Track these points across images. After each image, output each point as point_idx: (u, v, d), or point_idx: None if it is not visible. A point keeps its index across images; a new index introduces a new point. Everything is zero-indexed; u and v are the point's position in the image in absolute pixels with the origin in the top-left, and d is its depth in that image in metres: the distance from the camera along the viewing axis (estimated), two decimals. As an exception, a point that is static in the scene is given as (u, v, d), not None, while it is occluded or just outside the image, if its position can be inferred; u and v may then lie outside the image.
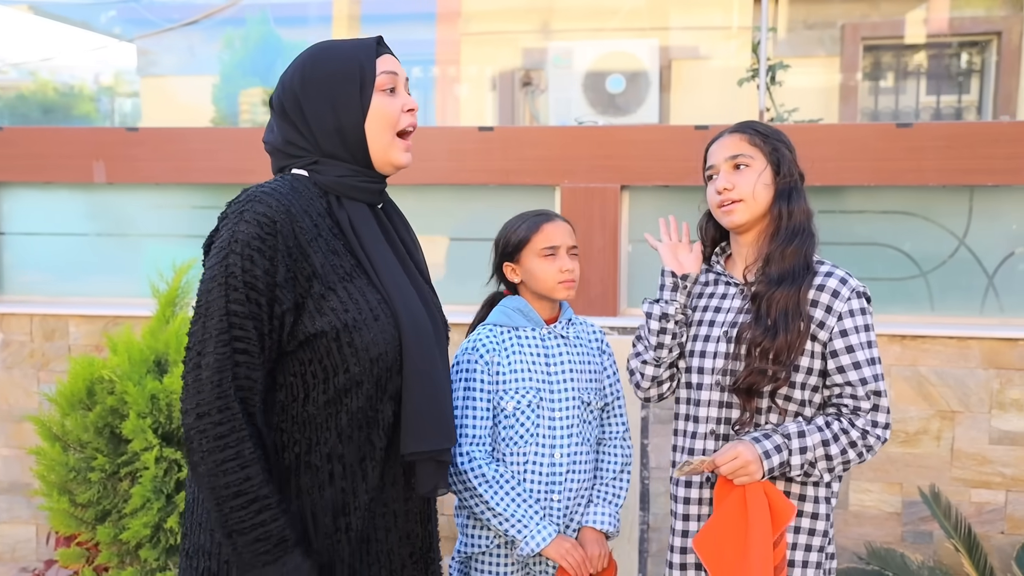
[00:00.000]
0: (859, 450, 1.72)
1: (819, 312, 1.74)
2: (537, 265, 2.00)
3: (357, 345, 1.41)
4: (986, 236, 3.14)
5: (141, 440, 2.57)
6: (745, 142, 1.82)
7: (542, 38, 5.59)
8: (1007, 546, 3.06)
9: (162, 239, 3.63)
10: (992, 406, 3.04)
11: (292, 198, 1.43)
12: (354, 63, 1.49)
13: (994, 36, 5.83)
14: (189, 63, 5.15)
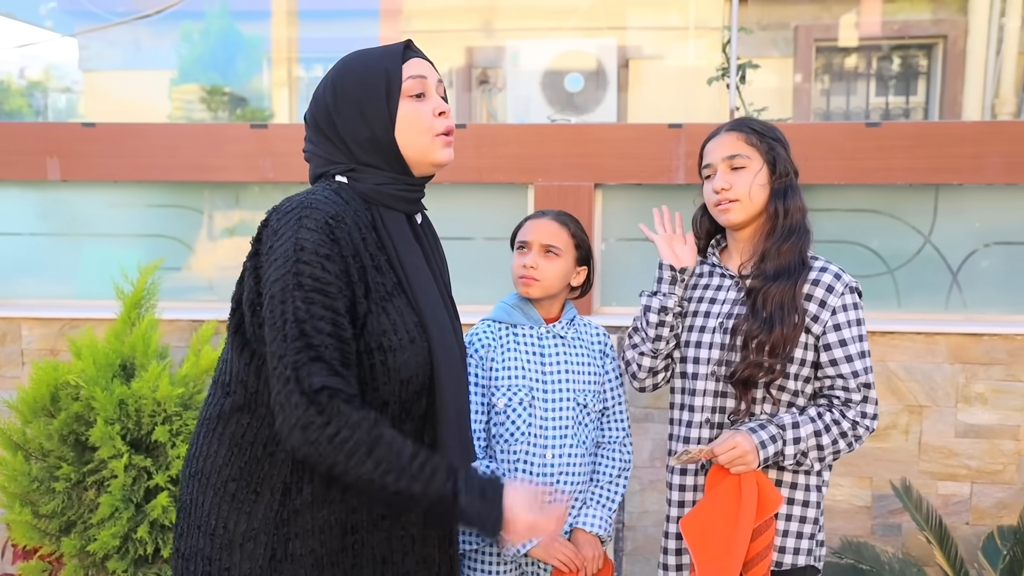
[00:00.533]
0: (849, 440, 1.77)
1: (813, 306, 1.78)
2: (513, 259, 2.03)
3: (391, 366, 1.37)
4: (950, 234, 3.21)
5: (109, 447, 2.48)
6: (742, 141, 1.83)
7: (497, 36, 5.56)
8: (972, 537, 3.13)
9: (120, 239, 3.51)
10: (958, 400, 3.11)
11: (345, 208, 1.39)
12: (379, 71, 1.45)
13: (940, 39, 5.99)
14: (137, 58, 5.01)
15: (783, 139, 1.86)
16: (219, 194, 3.49)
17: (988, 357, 3.08)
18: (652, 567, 3.24)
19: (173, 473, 2.52)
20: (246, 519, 1.38)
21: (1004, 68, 5.05)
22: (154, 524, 2.51)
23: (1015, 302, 3.18)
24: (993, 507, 3.12)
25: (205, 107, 4.52)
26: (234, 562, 1.38)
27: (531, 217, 2.08)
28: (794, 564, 1.81)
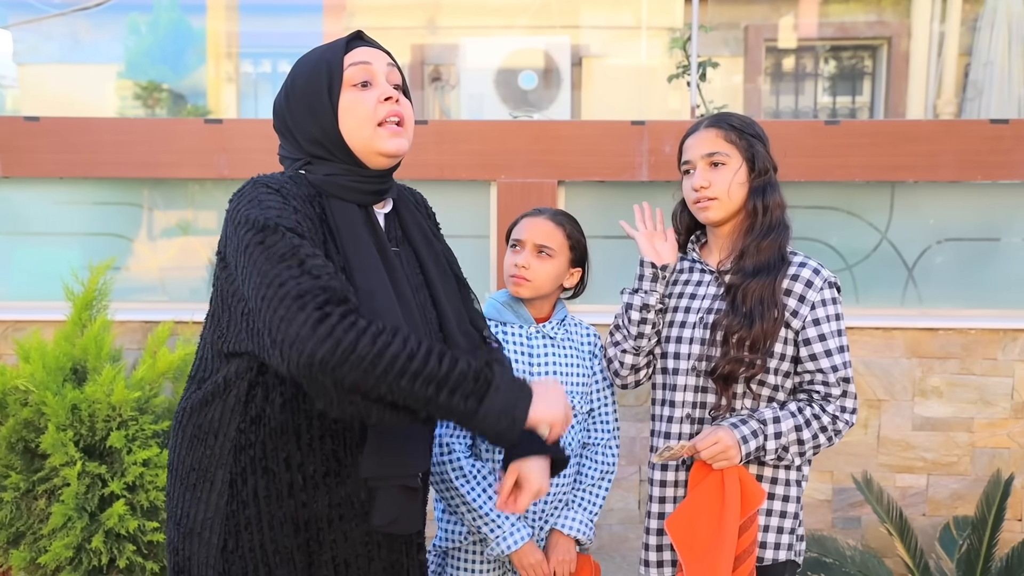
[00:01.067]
0: (829, 434, 1.78)
1: (793, 301, 1.79)
2: (506, 256, 2.00)
3: None
4: (906, 231, 3.27)
5: (61, 455, 2.38)
6: (721, 139, 1.82)
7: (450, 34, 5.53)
8: (929, 527, 3.19)
9: (66, 237, 3.38)
10: (915, 394, 3.16)
11: (295, 190, 1.39)
12: (321, 65, 1.45)
13: (884, 41, 6.12)
14: (73, 51, 4.84)
15: (762, 135, 1.86)
16: (171, 191, 3.39)
17: (943, 351, 3.14)
18: (617, 565, 3.23)
19: (129, 480, 2.43)
20: (203, 508, 1.38)
21: (945, 70, 5.18)
22: (109, 533, 2.42)
23: (968, 297, 3.25)
24: (948, 498, 3.18)
25: (141, 103, 4.39)
26: (193, 551, 1.38)
27: (528, 214, 2.04)
28: (775, 559, 1.82)
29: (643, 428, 3.19)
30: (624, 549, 3.24)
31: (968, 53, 4.97)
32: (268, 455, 1.37)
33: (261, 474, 1.36)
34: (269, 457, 1.37)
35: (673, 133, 3.16)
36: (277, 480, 1.37)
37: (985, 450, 3.16)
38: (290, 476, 1.37)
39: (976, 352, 3.13)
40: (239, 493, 1.36)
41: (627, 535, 3.23)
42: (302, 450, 1.37)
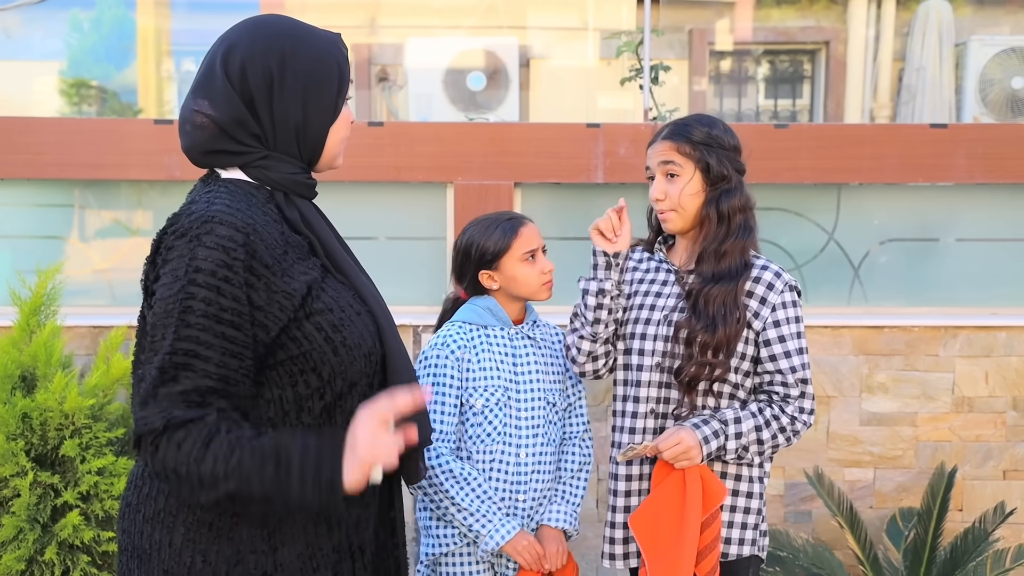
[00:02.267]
0: (787, 435, 1.84)
1: (754, 303, 1.84)
2: (520, 270, 2.00)
3: (351, 343, 1.33)
4: (852, 231, 3.36)
5: (12, 465, 2.31)
6: (674, 150, 1.86)
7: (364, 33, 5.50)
8: (876, 520, 3.29)
9: (9, 240, 3.28)
10: (862, 390, 3.26)
11: (252, 212, 1.29)
12: (333, 61, 1.37)
13: (823, 45, 6.28)
14: (5, 47, 4.70)
15: (724, 141, 1.87)
16: (118, 193, 3.31)
17: (889, 348, 3.24)
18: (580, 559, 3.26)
19: (83, 489, 2.37)
20: (228, 544, 1.30)
21: (880, 74, 5.34)
22: (63, 545, 2.36)
23: (911, 295, 3.36)
24: (894, 491, 3.29)
25: (67, 100, 4.27)
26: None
27: (521, 225, 2.04)
28: (739, 555, 1.86)
29: (599, 428, 3.23)
30: (583, 548, 3.26)
31: (902, 58, 5.13)
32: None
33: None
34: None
35: (628, 136, 3.21)
36: None
37: (928, 443, 3.27)
38: None
39: (919, 349, 3.24)
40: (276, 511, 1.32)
41: (585, 533, 3.26)
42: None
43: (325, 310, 1.32)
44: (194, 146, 1.35)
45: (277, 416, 1.32)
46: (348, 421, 1.34)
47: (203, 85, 1.34)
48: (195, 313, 1.20)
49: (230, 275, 1.22)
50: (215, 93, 1.32)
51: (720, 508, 1.82)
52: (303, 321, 1.30)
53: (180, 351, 1.20)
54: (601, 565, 2.01)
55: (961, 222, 3.37)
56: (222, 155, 1.34)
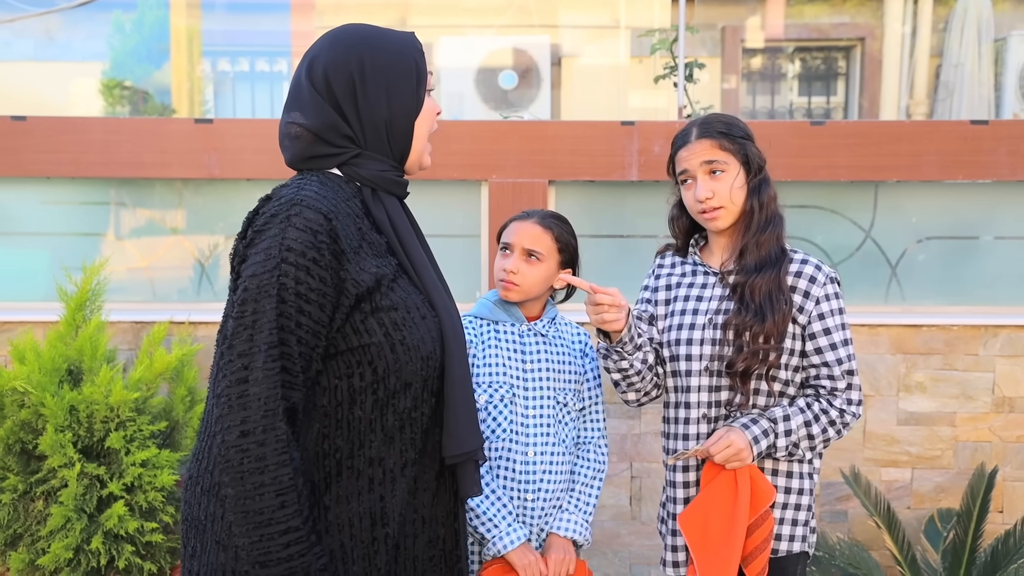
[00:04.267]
0: (837, 428, 1.83)
1: (798, 297, 1.83)
2: (497, 260, 2.02)
3: (410, 344, 1.36)
4: (889, 229, 3.34)
5: (60, 456, 2.36)
6: (717, 148, 1.85)
7: (427, 33, 5.53)
8: (913, 520, 3.26)
9: (52, 238, 3.34)
10: (899, 389, 3.23)
11: (336, 201, 1.35)
12: (410, 57, 1.43)
13: (858, 42, 6.23)
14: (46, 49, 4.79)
15: (749, 133, 1.89)
16: (160, 191, 3.36)
17: (927, 347, 3.21)
18: (609, 561, 3.27)
19: (128, 481, 2.41)
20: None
21: (917, 71, 5.28)
22: (108, 534, 2.40)
23: (950, 294, 3.33)
24: (932, 491, 3.25)
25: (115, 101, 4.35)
26: None
27: (516, 218, 2.05)
28: (789, 551, 1.85)
29: (634, 425, 3.23)
30: (616, 545, 3.27)
31: (939, 54, 5.07)
32: (356, 454, 1.37)
33: (347, 475, 1.37)
34: (357, 456, 1.37)
35: (662, 133, 3.21)
36: (360, 478, 1.38)
37: (968, 444, 3.23)
38: (371, 471, 1.38)
39: (958, 348, 3.20)
40: (321, 499, 1.36)
41: (619, 531, 3.27)
42: (385, 444, 1.39)
43: (391, 308, 1.35)
44: (295, 156, 1.43)
45: (331, 405, 1.35)
46: (399, 420, 1.38)
47: (293, 99, 1.43)
48: (288, 291, 1.26)
49: (318, 256, 1.28)
50: (304, 104, 1.41)
51: (771, 509, 1.80)
52: (368, 315, 1.33)
53: (282, 327, 1.27)
54: (664, 572, 1.99)
55: (1001, 219, 3.33)
56: (320, 159, 1.42)
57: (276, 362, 1.26)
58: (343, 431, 1.36)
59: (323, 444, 1.36)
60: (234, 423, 1.25)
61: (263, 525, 1.24)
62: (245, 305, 1.28)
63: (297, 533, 1.25)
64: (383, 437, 1.38)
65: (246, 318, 1.28)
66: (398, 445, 1.39)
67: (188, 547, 1.40)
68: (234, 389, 1.26)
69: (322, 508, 1.36)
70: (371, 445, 1.37)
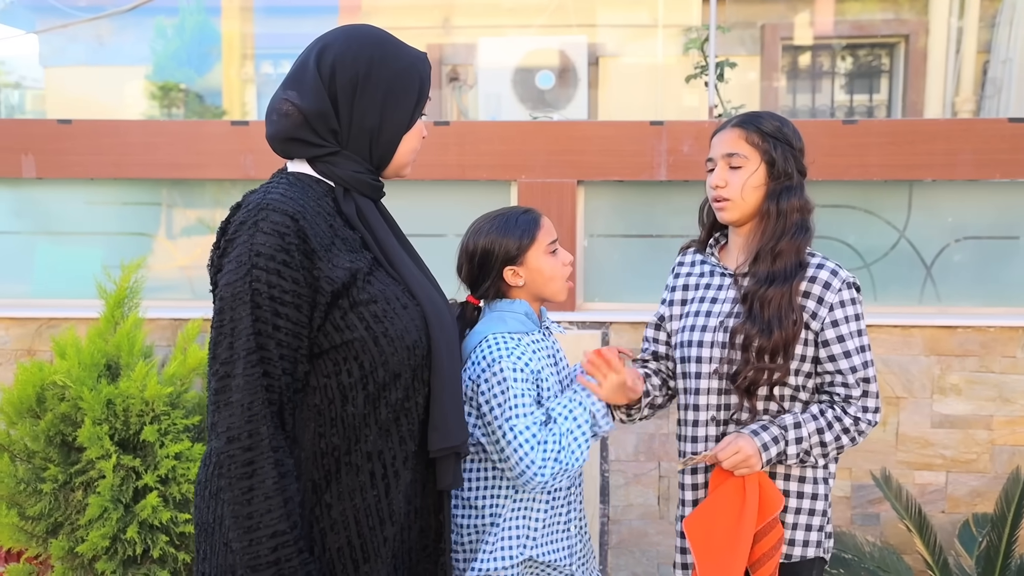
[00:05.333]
0: (852, 435, 1.79)
1: (811, 303, 1.79)
2: (545, 262, 1.89)
3: (392, 335, 1.38)
4: (924, 229, 3.29)
5: (97, 448, 2.44)
6: (743, 140, 1.82)
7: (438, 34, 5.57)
8: (948, 524, 3.21)
9: (97, 237, 3.46)
10: (933, 391, 3.18)
11: (304, 201, 1.38)
12: (415, 75, 1.46)
13: (901, 39, 6.12)
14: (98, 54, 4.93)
15: (791, 139, 1.84)
16: (199, 191, 3.46)
17: (962, 349, 3.16)
18: (637, 560, 3.27)
19: (162, 472, 2.49)
20: None
21: (963, 67, 5.17)
22: (143, 524, 2.48)
23: (987, 295, 3.27)
24: (967, 495, 3.20)
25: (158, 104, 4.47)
26: None
27: (538, 216, 1.94)
28: (803, 556, 1.83)
29: (662, 425, 3.23)
30: (644, 544, 3.28)
31: (987, 50, 4.97)
32: (353, 450, 1.40)
33: (345, 471, 1.40)
34: (354, 452, 1.40)
35: (691, 133, 3.20)
36: (360, 473, 1.40)
37: (1005, 447, 3.18)
38: (371, 466, 1.41)
39: (995, 350, 3.15)
40: (322, 497, 1.39)
41: (647, 530, 3.27)
42: (381, 438, 1.41)
43: (370, 301, 1.37)
44: (277, 133, 1.45)
45: (323, 404, 1.38)
46: (393, 413, 1.41)
47: (295, 77, 1.45)
48: (262, 295, 1.30)
49: (288, 258, 1.31)
50: (305, 85, 1.43)
51: (783, 515, 1.79)
52: (347, 311, 1.36)
53: (259, 332, 1.30)
54: (673, 573, 2.00)
55: (1041, 219, 3.27)
56: (299, 144, 1.44)
57: (256, 367, 1.29)
58: (338, 428, 1.39)
59: (320, 443, 1.39)
60: (221, 429, 1.29)
61: (252, 530, 1.28)
62: (223, 314, 1.32)
63: (283, 537, 1.29)
64: (378, 431, 1.40)
65: (224, 326, 1.32)
66: (395, 438, 1.42)
67: (200, 550, 1.44)
68: (220, 397, 1.30)
69: (324, 506, 1.39)
70: (367, 440, 1.40)
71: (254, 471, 1.28)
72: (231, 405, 1.29)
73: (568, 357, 2.09)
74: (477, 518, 1.89)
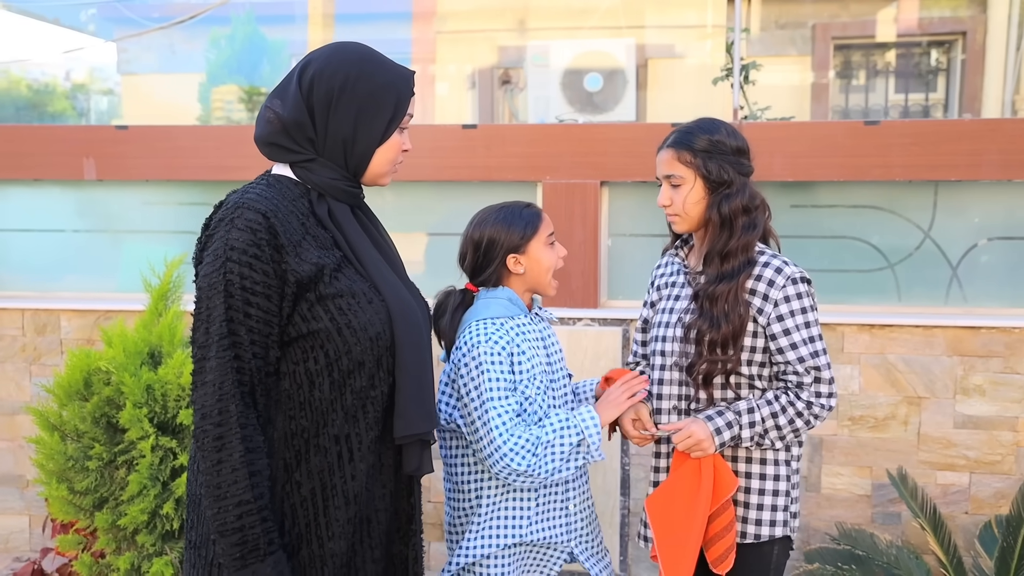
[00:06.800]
0: (806, 419, 1.90)
1: (757, 300, 1.91)
2: (545, 253, 2.02)
3: (356, 327, 1.50)
4: (950, 229, 3.28)
5: (137, 429, 2.64)
6: (676, 160, 1.94)
7: (519, 36, 5.68)
8: (971, 525, 3.20)
9: (151, 235, 3.70)
10: (956, 392, 3.18)
11: (278, 201, 1.50)
12: (393, 93, 1.56)
13: (959, 36, 5.99)
14: (171, 61, 5.20)
15: (725, 147, 1.92)
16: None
17: (986, 350, 3.14)
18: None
19: (197, 454, 2.68)
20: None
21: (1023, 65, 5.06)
22: (179, 501, 2.67)
23: (1014, 296, 3.24)
24: (992, 497, 3.19)
25: (244, 107, 4.70)
26: None
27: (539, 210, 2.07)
28: (771, 535, 1.93)
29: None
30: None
31: (1047, 47, 4.86)
32: (321, 432, 1.52)
33: (314, 452, 1.52)
34: (322, 435, 1.52)
35: (712, 135, 3.26)
36: (328, 455, 1.52)
37: (1029, 449, 3.16)
38: (338, 448, 1.53)
39: (1020, 351, 3.12)
40: (293, 475, 1.52)
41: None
42: (347, 422, 1.53)
43: (336, 295, 1.50)
44: (261, 137, 1.60)
45: (293, 388, 1.52)
46: (358, 399, 1.53)
47: (282, 88, 1.59)
48: (235, 286, 1.43)
49: (259, 252, 1.44)
50: (287, 96, 1.56)
51: (740, 493, 1.90)
52: (314, 303, 1.49)
53: (231, 319, 1.43)
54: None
55: (1072, 220, 3.22)
56: (280, 149, 1.57)
57: (228, 351, 1.43)
58: (307, 412, 1.52)
59: (290, 425, 1.52)
60: (197, 407, 1.44)
61: (220, 499, 1.42)
62: (200, 303, 1.47)
63: (248, 506, 1.42)
64: (344, 416, 1.53)
65: (202, 314, 1.47)
66: (362, 424, 1.54)
67: (188, 519, 1.59)
68: (197, 378, 1.46)
69: (294, 484, 1.52)
70: (333, 423, 1.52)
71: (223, 445, 1.41)
72: (205, 385, 1.44)
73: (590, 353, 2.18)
74: (464, 501, 2.01)
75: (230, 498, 1.42)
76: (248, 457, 1.43)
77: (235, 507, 1.42)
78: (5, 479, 3.66)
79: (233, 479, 1.42)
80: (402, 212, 3.56)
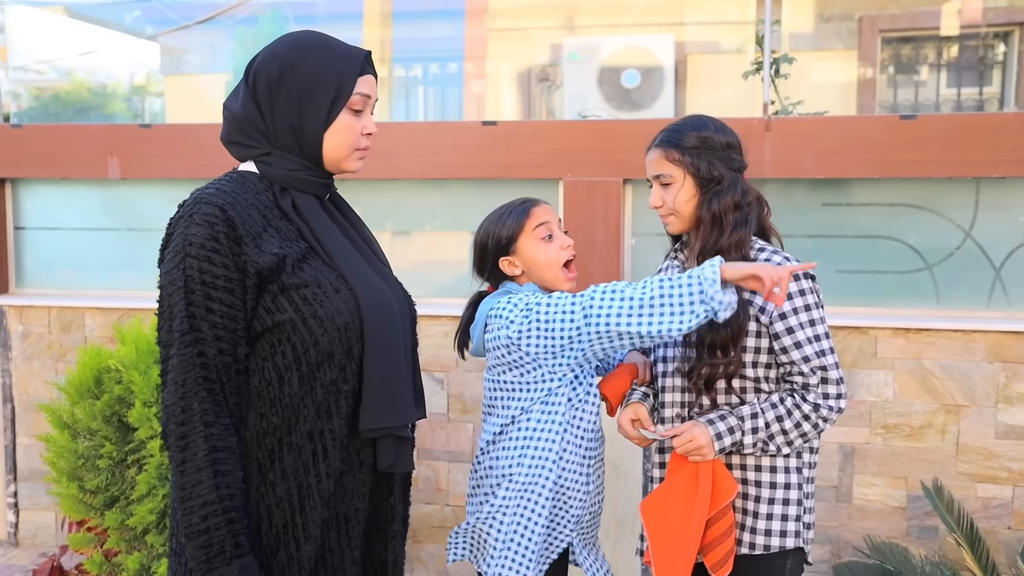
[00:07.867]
0: (813, 422, 1.80)
1: (759, 298, 1.82)
2: (537, 249, 1.92)
3: (322, 317, 1.45)
4: (993, 228, 3.12)
5: (147, 428, 2.63)
6: (665, 159, 1.87)
7: (560, 34, 5.60)
8: (1014, 541, 3.03)
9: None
10: (998, 400, 3.01)
11: (238, 195, 1.47)
12: (333, 73, 1.51)
13: (1016, 27, 5.75)
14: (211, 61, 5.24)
15: (714, 143, 1.85)
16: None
17: (1030, 356, 2.98)
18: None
19: (207, 454, 2.66)
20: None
21: (1087, 57, 4.83)
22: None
23: (1062, 299, 3.07)
24: (1036, 511, 3.02)
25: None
26: None
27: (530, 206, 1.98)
28: (782, 547, 1.83)
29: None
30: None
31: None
32: (293, 430, 1.47)
33: (287, 451, 1.47)
34: (295, 432, 1.48)
35: (738, 130, 3.12)
36: (303, 453, 1.47)
37: (1076, 462, 2.98)
38: (312, 446, 1.48)
39: (1067, 358, 2.96)
40: (267, 475, 1.47)
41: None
42: (319, 418, 1.48)
43: (300, 285, 1.46)
44: (222, 136, 1.59)
45: (262, 385, 1.47)
46: (329, 394, 1.48)
47: (236, 87, 1.58)
48: (195, 281, 1.40)
49: (217, 245, 1.41)
50: (238, 93, 1.56)
51: (731, 505, 1.81)
52: (278, 295, 1.45)
53: (192, 315, 1.40)
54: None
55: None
56: (239, 146, 1.57)
57: (190, 347, 1.38)
58: (278, 409, 1.47)
59: (262, 423, 1.47)
60: (162, 406, 1.40)
61: (185, 500, 1.38)
62: (162, 301, 1.44)
63: (212, 507, 1.37)
64: (315, 411, 1.47)
65: (164, 312, 1.43)
66: (336, 420, 1.48)
67: (172, 526, 1.55)
68: (163, 377, 1.42)
69: (268, 484, 1.47)
70: (305, 419, 1.47)
71: (187, 444, 1.37)
72: (168, 384, 1.40)
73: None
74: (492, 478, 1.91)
75: (195, 499, 1.37)
76: (213, 456, 1.38)
77: (200, 508, 1.37)
78: (34, 475, 3.71)
79: (197, 479, 1.37)
80: (421, 209, 3.52)
